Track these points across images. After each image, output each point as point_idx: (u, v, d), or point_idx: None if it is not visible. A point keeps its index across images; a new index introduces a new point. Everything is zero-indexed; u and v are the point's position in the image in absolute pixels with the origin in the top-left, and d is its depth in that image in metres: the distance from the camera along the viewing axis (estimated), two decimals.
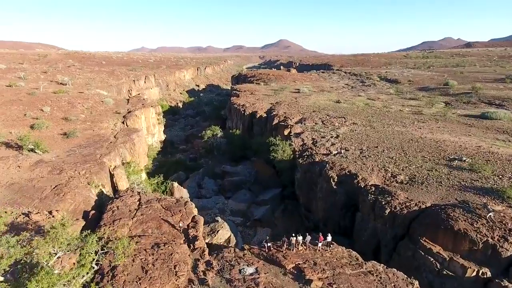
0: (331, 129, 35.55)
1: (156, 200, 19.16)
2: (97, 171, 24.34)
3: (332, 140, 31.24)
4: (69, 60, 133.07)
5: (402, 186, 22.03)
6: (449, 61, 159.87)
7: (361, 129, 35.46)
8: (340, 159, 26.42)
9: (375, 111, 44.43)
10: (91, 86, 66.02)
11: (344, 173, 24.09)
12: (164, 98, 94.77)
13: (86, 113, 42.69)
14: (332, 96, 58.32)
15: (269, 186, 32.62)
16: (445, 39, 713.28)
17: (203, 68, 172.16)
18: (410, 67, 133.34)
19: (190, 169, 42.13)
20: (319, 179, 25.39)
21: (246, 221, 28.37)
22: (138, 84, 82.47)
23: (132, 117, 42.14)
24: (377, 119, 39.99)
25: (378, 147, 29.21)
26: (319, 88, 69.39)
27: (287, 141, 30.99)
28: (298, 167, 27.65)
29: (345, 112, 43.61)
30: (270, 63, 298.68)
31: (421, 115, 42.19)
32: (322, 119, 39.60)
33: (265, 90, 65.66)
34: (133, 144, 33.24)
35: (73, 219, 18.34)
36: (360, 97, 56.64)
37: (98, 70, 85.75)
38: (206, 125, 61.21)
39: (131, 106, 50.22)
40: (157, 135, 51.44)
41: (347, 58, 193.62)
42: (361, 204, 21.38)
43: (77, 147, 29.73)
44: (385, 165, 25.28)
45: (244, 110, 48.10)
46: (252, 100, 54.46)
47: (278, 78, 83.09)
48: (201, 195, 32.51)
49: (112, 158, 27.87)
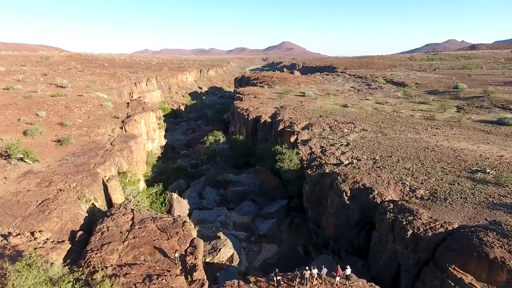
0: (340, 136, 33.41)
1: (151, 219, 17.11)
2: (89, 183, 22.35)
3: (342, 149, 29.09)
4: (71, 62, 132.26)
5: (423, 202, 19.84)
6: (454, 63, 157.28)
7: (372, 136, 33.28)
8: (352, 171, 24.27)
9: (385, 116, 42.22)
10: (91, 89, 64.32)
11: (357, 187, 21.93)
12: (166, 101, 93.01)
13: (84, 118, 40.83)
14: (339, 100, 56.16)
15: (274, 197, 30.51)
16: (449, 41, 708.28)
17: (206, 70, 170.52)
18: (416, 70, 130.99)
19: (191, 176, 40.10)
20: (329, 193, 23.26)
21: (250, 236, 26.26)
22: (139, 86, 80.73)
23: (131, 122, 40.22)
24: (388, 124, 37.79)
25: (392, 157, 27.03)
26: (324, 91, 67.26)
27: (294, 150, 28.89)
28: (306, 179, 25.53)
29: (354, 117, 41.46)
30: (273, 65, 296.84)
31: (434, 121, 39.94)
32: (330, 125, 37.47)
33: (269, 93, 63.63)
34: (131, 152, 31.26)
35: (59, 240, 16.39)
36: (368, 101, 54.45)
37: (99, 72, 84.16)
38: (208, 129, 59.29)
39: (131, 110, 48.34)
40: (157, 140, 49.50)
41: (351, 60, 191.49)
42: (378, 223, 19.22)
43: (71, 155, 27.78)
44: (401, 177, 23.10)
45: (247, 115, 46.04)
46: (256, 104, 52.41)
47: (282, 81, 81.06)
48: (202, 206, 30.46)
49: (107, 168, 25.90)
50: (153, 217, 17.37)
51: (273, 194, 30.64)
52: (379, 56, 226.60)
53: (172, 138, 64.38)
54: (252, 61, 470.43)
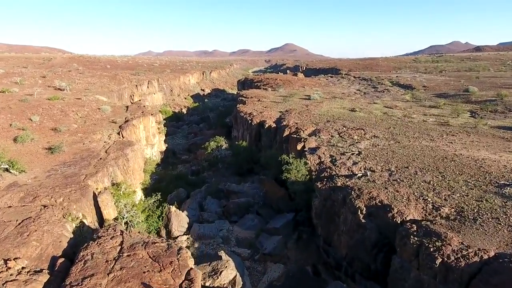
0: (350, 143, 31.14)
1: (142, 244, 14.94)
2: (77, 198, 20.23)
3: (353, 158, 26.81)
4: (73, 64, 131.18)
5: (450, 223, 17.52)
6: (460, 65, 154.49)
7: (384, 143, 30.97)
8: (367, 184, 22.00)
9: (396, 122, 39.88)
10: (90, 91, 62.50)
11: (374, 203, 19.66)
12: (168, 104, 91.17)
13: (79, 123, 38.84)
14: (346, 104, 53.87)
15: (280, 209, 28.26)
16: (452, 43, 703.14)
17: (208, 72, 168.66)
18: (421, 72, 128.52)
19: (192, 184, 37.97)
20: (342, 209, 21.00)
21: (255, 254, 24.01)
22: (140, 89, 78.88)
23: (129, 127, 38.16)
24: (400, 131, 35.46)
25: (409, 168, 24.72)
26: (330, 94, 65.01)
27: (301, 159, 26.62)
28: (316, 192, 23.28)
29: (363, 123, 39.16)
30: (276, 67, 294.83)
31: (449, 127, 37.55)
32: (339, 131, 35.20)
33: (273, 97, 61.45)
34: (127, 160, 29.16)
35: (36, 269, 14.25)
36: (376, 105, 52.12)
37: (100, 74, 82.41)
38: (210, 134, 57.26)
39: (130, 114, 46.34)
40: (157, 145, 47.46)
41: (354, 62, 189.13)
42: (400, 247, 16.93)
43: (61, 165, 25.71)
44: (422, 192, 20.80)
45: (251, 119, 43.85)
46: (260, 107, 50.22)
47: (286, 83, 78.88)
48: (203, 219, 28.25)
49: (99, 179, 23.79)
50: (144, 241, 15.19)
51: (278, 206, 28.39)
52: (383, 58, 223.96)
53: (173, 142, 62.44)
54: (255, 62, 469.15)
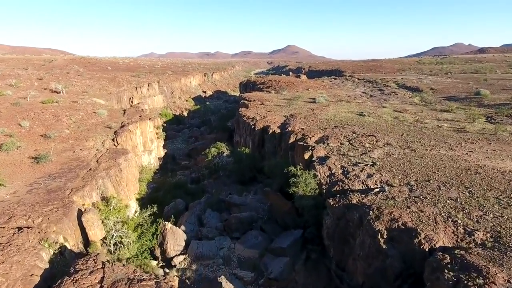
0: (361, 152, 28.55)
1: (126, 282, 12.43)
2: (59, 217, 17.76)
3: (367, 170, 24.23)
4: (74, 65, 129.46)
5: (489, 253, 14.92)
6: (465, 67, 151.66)
7: (399, 152, 28.37)
8: (386, 202, 19.42)
9: (408, 127, 37.25)
10: (88, 94, 60.23)
11: (396, 226, 17.08)
12: (169, 106, 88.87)
13: (72, 128, 36.47)
14: (353, 107, 51.27)
15: (286, 225, 25.69)
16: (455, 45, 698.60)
17: (210, 74, 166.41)
18: (426, 74, 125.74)
19: (191, 193, 35.52)
20: (358, 231, 18.43)
21: (259, 278, 21.46)
22: (140, 91, 76.61)
23: (125, 133, 35.75)
24: (414, 138, 32.85)
25: (431, 181, 22.12)
26: (335, 97, 62.44)
27: (310, 171, 24.05)
28: (328, 210, 20.72)
29: (373, 128, 36.58)
30: (279, 68, 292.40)
31: (466, 133, 34.88)
32: (348, 138, 32.62)
33: (277, 100, 58.93)
34: (119, 171, 26.69)
35: None
36: (385, 109, 49.47)
37: (99, 76, 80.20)
38: (211, 138, 54.88)
39: (127, 118, 43.97)
40: (155, 151, 45.04)
41: (358, 64, 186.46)
42: (431, 282, 14.33)
43: (46, 177, 23.28)
44: (450, 213, 18.20)
45: (254, 124, 41.33)
46: (263, 111, 47.70)
47: (289, 86, 76.38)
48: (202, 235, 25.70)
49: (86, 194, 21.34)
50: (129, 278, 12.68)
51: (284, 222, 25.81)
52: (387, 59, 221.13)
53: (173, 146, 60.06)
54: (257, 64, 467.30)
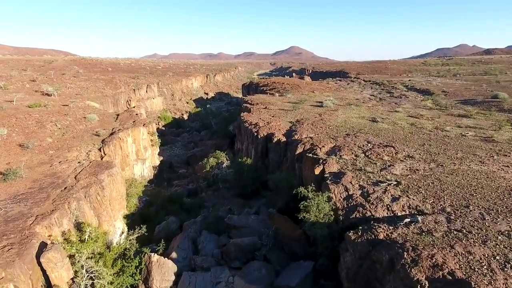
0: (381, 166, 24.56)
1: None
2: (10, 259, 13.96)
3: (391, 191, 20.23)
4: (74, 66, 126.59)
5: None
6: (473, 68, 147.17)
7: (425, 167, 24.33)
8: (421, 238, 15.40)
9: (429, 136, 33.15)
10: (82, 96, 56.67)
11: (441, 275, 13.08)
12: (168, 109, 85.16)
13: (56, 136, 32.74)
14: (363, 112, 47.21)
15: (294, 254, 21.73)
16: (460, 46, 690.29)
17: (212, 75, 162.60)
18: (434, 75, 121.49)
19: (187, 209, 31.70)
20: (389, 276, 14.46)
21: None
22: (138, 93, 72.95)
23: (114, 141, 31.96)
24: (438, 149, 28.77)
25: (470, 207, 18.06)
26: (343, 101, 58.42)
27: (323, 193, 20.06)
28: (347, 245, 16.75)
29: (390, 137, 32.55)
30: (282, 69, 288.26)
31: (496, 143, 30.69)
32: (363, 149, 28.61)
33: (281, 103, 54.95)
34: (101, 189, 22.88)
35: None
36: (398, 114, 45.35)
37: (96, 77, 76.65)
38: (211, 144, 51.10)
39: (120, 123, 40.24)
40: (149, 159, 41.24)
41: (362, 65, 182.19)
42: None
43: (9, 199, 19.48)
44: (507, 255, 14.15)
45: (257, 131, 37.40)
46: (267, 116, 43.75)
47: (294, 88, 72.41)
48: (196, 265, 21.78)
49: (54, 222, 17.51)
50: None
51: (292, 250, 21.85)
52: (392, 60, 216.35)
53: (171, 153, 56.30)
54: (260, 65, 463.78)
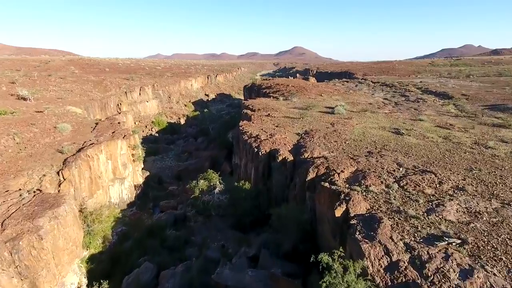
0: (425, 206, 17.60)
1: None
2: None
3: (455, 256, 13.30)
4: (71, 66, 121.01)
5: None
6: (485, 69, 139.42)
7: (486, 207, 17.35)
8: None
9: (472, 155, 26.05)
10: (63, 101, 50.18)
11: None
12: (164, 112, 78.45)
13: (9, 154, 26.12)
14: (382, 120, 40.14)
15: None
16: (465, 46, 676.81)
17: (214, 76, 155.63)
18: (446, 76, 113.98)
19: (169, 247, 24.97)
20: None
21: None
22: (131, 96, 66.40)
23: (78, 161, 25.26)
24: (492, 175, 21.72)
25: None
26: (355, 106, 51.37)
27: (354, 263, 13.13)
28: None
29: (423, 156, 25.54)
30: (285, 70, 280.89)
31: None
32: (394, 175, 21.64)
33: (286, 109, 47.95)
34: (39, 239, 16.22)
35: None
36: (423, 123, 38.24)
37: (86, 79, 70.15)
38: (207, 156, 44.34)
39: (96, 135, 33.61)
40: (130, 178, 34.47)
41: (368, 66, 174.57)
42: None
43: None
44: None
45: (257, 146, 30.45)
46: (270, 126, 36.81)
47: (300, 91, 65.36)
48: None
49: None
50: None
51: None
52: (398, 61, 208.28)
53: (162, 164, 49.57)
54: (263, 66, 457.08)
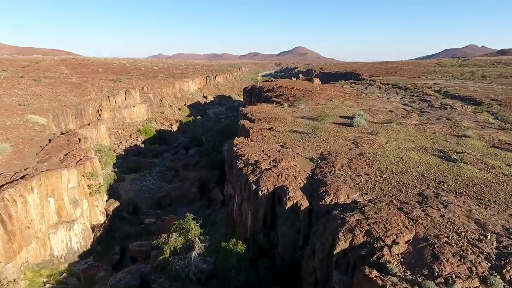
0: None
1: None
2: None
3: None
4: (62, 66, 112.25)
5: None
6: (499, 70, 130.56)
7: None
8: None
9: None
10: (26, 108, 41.28)
11: None
12: (154, 118, 69.26)
13: None
14: (416, 136, 30.90)
15: None
16: (468, 47, 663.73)
17: (213, 76, 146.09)
18: (459, 78, 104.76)
19: None
20: None
21: None
22: (114, 100, 57.48)
23: None
24: None
25: None
26: (374, 114, 42.12)
27: None
28: None
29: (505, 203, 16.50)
30: (288, 70, 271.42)
31: None
32: (483, 250, 12.57)
33: (293, 119, 38.64)
34: None
35: None
36: (470, 140, 29.06)
37: (63, 81, 61.18)
38: (194, 179, 35.20)
39: (41, 159, 24.62)
40: (83, 218, 25.32)
41: (374, 66, 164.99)
42: None
43: None
44: None
45: (257, 180, 21.38)
46: (273, 147, 27.58)
47: (306, 95, 56.09)
48: None
49: None
50: None
51: None
52: (404, 61, 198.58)
53: (142, 185, 40.49)
54: (265, 66, 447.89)
